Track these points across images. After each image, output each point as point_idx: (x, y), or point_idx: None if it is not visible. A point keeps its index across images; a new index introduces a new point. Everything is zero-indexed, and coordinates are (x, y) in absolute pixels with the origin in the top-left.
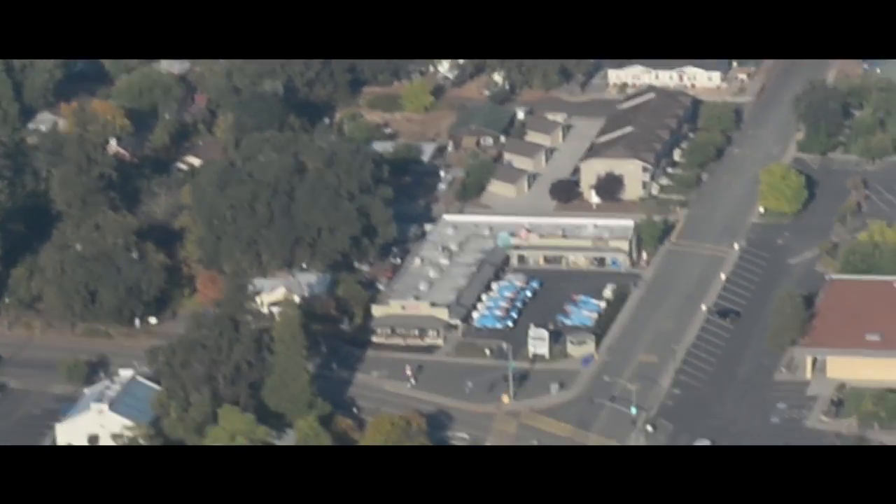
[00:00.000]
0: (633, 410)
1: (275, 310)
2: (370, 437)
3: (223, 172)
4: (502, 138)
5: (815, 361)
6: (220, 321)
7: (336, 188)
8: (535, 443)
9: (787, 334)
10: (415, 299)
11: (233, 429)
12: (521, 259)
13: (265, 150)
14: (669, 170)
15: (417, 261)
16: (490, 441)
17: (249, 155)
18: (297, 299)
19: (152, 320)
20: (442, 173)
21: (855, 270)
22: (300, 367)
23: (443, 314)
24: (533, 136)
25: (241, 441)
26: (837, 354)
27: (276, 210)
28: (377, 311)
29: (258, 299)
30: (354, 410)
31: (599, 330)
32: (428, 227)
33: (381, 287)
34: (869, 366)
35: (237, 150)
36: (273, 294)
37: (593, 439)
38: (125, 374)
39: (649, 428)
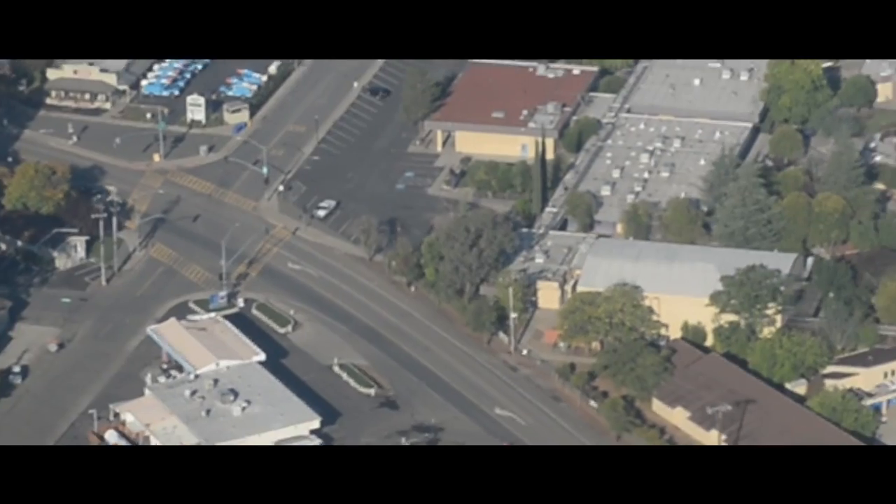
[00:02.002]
0: (265, 171)
1: None
2: (16, 182)
3: None
4: None
5: (447, 136)
6: None
7: None
8: (161, 192)
9: (418, 109)
10: (87, 65)
11: None
12: None
13: None
14: None
15: None
16: (134, 194)
17: None
18: None
19: None
20: None
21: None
22: None
23: (112, 80)
24: None
25: None
26: (465, 129)
27: None
28: (51, 74)
29: None
30: (9, 160)
31: (257, 101)
32: None
33: None
34: (492, 141)
35: None
36: None
37: (230, 196)
38: None
39: (282, 188)
